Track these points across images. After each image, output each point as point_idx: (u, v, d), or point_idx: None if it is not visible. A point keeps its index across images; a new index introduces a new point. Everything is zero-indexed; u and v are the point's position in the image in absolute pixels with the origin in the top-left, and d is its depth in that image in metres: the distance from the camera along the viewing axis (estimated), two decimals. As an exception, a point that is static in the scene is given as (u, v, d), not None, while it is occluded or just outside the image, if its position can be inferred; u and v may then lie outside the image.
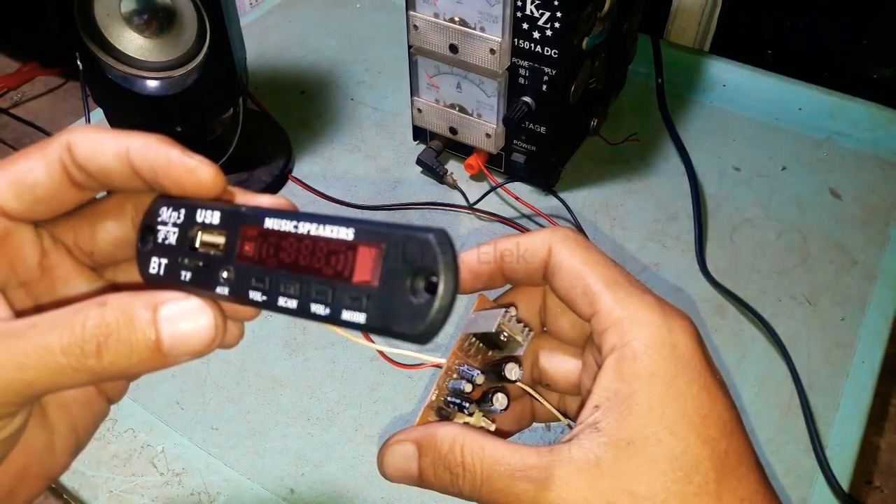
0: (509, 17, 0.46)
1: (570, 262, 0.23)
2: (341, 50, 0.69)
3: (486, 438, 0.22)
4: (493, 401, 0.24)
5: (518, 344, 0.25)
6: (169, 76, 0.48)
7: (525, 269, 0.25)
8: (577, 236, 0.24)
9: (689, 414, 0.20)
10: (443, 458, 0.22)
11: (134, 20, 0.47)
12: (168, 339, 0.18)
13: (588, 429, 0.21)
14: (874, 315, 0.49)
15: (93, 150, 0.20)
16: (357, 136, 0.61)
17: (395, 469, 0.23)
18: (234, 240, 0.19)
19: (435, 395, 0.24)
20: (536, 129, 0.52)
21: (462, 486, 0.22)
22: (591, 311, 0.23)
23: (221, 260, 0.20)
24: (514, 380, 0.24)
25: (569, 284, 0.23)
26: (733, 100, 0.63)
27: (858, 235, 0.53)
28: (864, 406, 0.44)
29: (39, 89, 0.77)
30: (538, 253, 0.24)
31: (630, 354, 0.21)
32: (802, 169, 0.58)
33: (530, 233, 0.25)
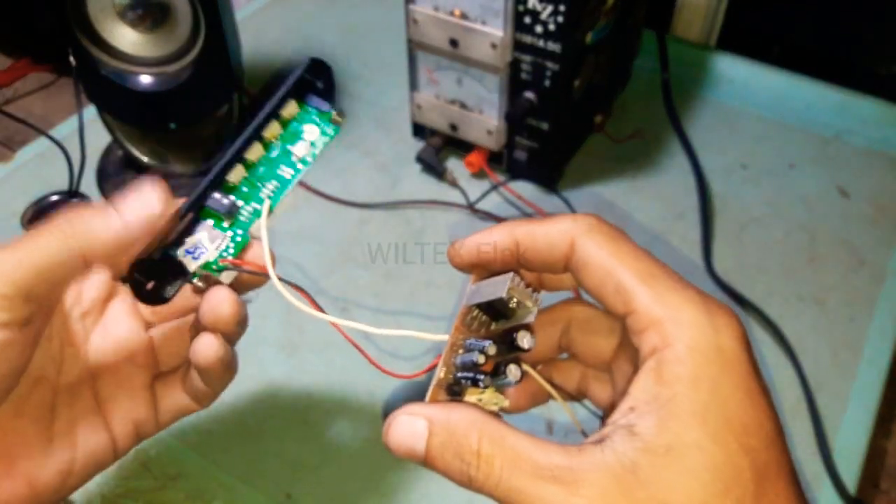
0: (511, 11, 0.45)
1: (598, 257, 0.21)
2: (339, 44, 0.68)
3: (507, 428, 0.20)
4: (507, 373, 0.22)
5: (528, 310, 0.23)
6: (163, 72, 0.47)
7: (542, 261, 0.23)
8: (602, 225, 0.22)
9: (733, 422, 0.19)
10: (456, 443, 0.20)
11: (127, 15, 0.46)
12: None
13: (622, 431, 0.19)
14: (883, 316, 0.48)
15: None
16: (355, 132, 0.60)
17: (400, 443, 0.21)
18: None
19: (443, 373, 0.22)
20: (539, 125, 0.51)
21: (474, 477, 0.20)
22: (626, 309, 0.21)
23: None
24: (527, 348, 0.22)
25: (598, 281, 0.21)
26: (740, 96, 0.62)
27: (867, 234, 0.53)
28: (872, 408, 0.44)
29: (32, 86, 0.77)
30: (558, 245, 0.22)
31: (672, 357, 0.19)
32: (810, 167, 0.58)
33: (549, 220, 0.23)
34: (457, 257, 0.24)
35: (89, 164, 0.54)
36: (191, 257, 0.24)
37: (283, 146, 0.25)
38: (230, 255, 0.24)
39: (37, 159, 0.58)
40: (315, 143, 0.26)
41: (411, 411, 0.21)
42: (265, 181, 0.25)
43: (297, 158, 0.25)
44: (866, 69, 0.64)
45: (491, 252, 0.23)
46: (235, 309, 0.24)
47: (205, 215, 0.24)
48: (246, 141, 0.24)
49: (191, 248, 0.24)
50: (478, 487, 0.20)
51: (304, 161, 0.25)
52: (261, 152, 0.25)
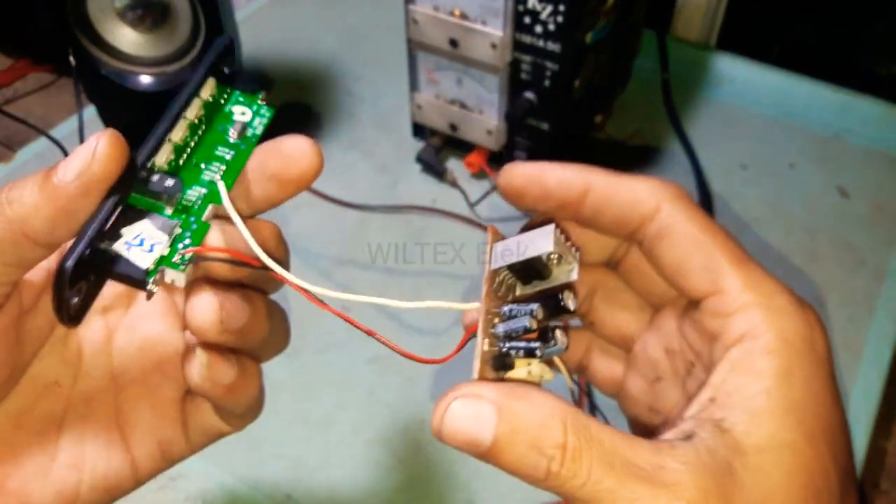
0: (511, 11, 0.45)
1: (689, 228, 0.19)
2: (339, 44, 0.68)
3: (590, 419, 0.17)
4: (556, 339, 0.19)
5: (569, 266, 0.20)
6: (163, 72, 0.47)
7: (614, 217, 0.20)
8: (691, 197, 0.20)
9: (824, 423, 0.18)
10: (534, 433, 0.17)
11: (127, 15, 0.46)
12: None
13: (709, 426, 0.17)
14: (882, 316, 0.48)
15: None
16: (355, 132, 0.60)
17: (459, 430, 0.17)
18: None
19: (487, 345, 0.20)
20: (539, 125, 0.51)
21: (555, 473, 0.17)
22: (711, 289, 0.19)
23: None
24: (573, 310, 0.20)
25: (683, 254, 0.19)
26: (740, 96, 0.62)
27: (867, 235, 0.53)
28: (872, 409, 0.44)
29: (32, 86, 0.76)
30: (642, 204, 0.20)
31: (764, 347, 0.18)
32: (810, 167, 0.58)
33: (632, 177, 0.20)
34: (510, 178, 0.21)
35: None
36: (140, 251, 0.18)
37: (211, 128, 0.22)
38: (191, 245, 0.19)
39: (37, 159, 0.58)
40: (252, 124, 0.22)
41: (473, 392, 0.18)
42: (205, 163, 0.21)
43: (235, 139, 0.22)
44: (866, 69, 0.64)
45: (554, 185, 0.20)
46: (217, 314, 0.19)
47: (138, 203, 0.19)
48: (172, 120, 0.21)
49: (134, 241, 0.18)
50: (555, 486, 0.17)
51: (246, 141, 0.22)
52: (185, 132, 0.21)
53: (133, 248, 0.18)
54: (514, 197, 0.21)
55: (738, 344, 0.18)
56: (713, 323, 0.19)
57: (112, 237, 0.18)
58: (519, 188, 0.21)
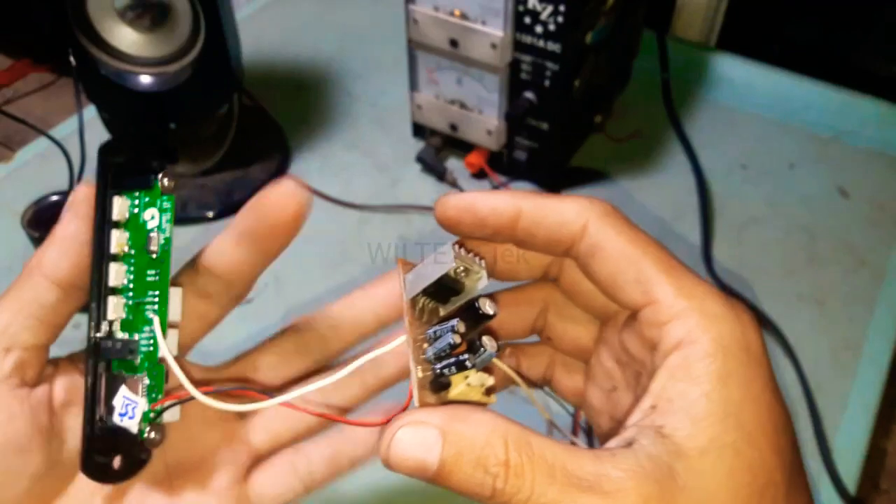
0: (511, 11, 0.45)
1: (617, 243, 0.20)
2: (339, 44, 0.68)
3: (531, 433, 0.18)
4: (484, 345, 0.20)
5: (477, 275, 0.21)
6: (163, 72, 0.47)
7: (546, 238, 0.21)
8: (618, 212, 0.21)
9: (764, 422, 0.18)
10: (478, 453, 0.17)
11: (127, 15, 0.46)
12: None
13: (649, 432, 0.18)
14: (882, 315, 0.48)
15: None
16: (355, 132, 0.60)
17: (406, 458, 0.18)
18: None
19: (421, 371, 0.20)
20: (539, 125, 0.51)
21: (500, 490, 0.17)
22: (644, 300, 0.20)
23: None
24: (492, 314, 0.20)
25: (615, 269, 0.20)
26: (740, 96, 0.62)
27: (867, 235, 0.53)
28: (872, 408, 0.44)
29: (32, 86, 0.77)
30: (569, 225, 0.21)
31: (700, 352, 0.18)
32: (810, 167, 0.58)
33: (559, 198, 0.21)
34: (444, 209, 0.21)
35: (89, 164, 0.54)
36: (128, 419, 0.21)
37: (137, 250, 0.21)
38: (158, 396, 0.21)
39: (37, 159, 0.58)
40: (161, 227, 0.21)
41: (417, 420, 0.18)
42: (141, 297, 0.21)
43: (155, 253, 0.21)
44: (866, 69, 0.64)
45: (486, 213, 0.21)
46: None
47: (116, 367, 0.21)
48: (97, 269, 0.21)
49: (123, 411, 0.21)
50: (502, 503, 0.18)
51: (163, 250, 0.21)
52: (121, 271, 0.21)
53: (124, 419, 0.21)
54: (451, 226, 0.22)
55: (676, 351, 0.19)
56: (650, 332, 0.20)
57: (110, 411, 0.21)
58: (453, 218, 0.22)
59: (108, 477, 0.21)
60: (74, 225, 0.21)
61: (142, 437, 0.21)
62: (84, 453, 0.20)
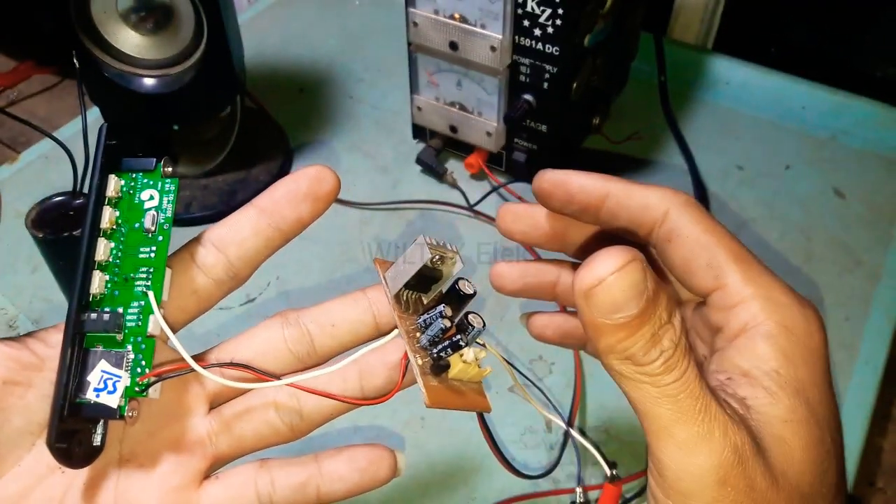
0: (510, 14, 0.46)
1: (694, 231, 0.21)
2: (340, 47, 0.69)
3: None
4: (472, 323, 0.21)
5: (451, 261, 0.22)
6: (166, 74, 0.48)
7: (628, 221, 0.22)
8: (698, 204, 0.22)
9: (825, 408, 0.19)
10: (663, 320, 0.18)
11: (131, 17, 0.47)
12: None
13: (732, 400, 0.19)
14: (878, 316, 0.48)
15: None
16: (356, 134, 0.60)
17: (621, 291, 0.17)
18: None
19: (420, 360, 0.22)
20: (537, 127, 0.51)
21: (653, 362, 0.17)
22: (714, 285, 0.21)
23: None
24: (472, 293, 0.22)
25: (689, 254, 0.21)
26: (737, 98, 0.62)
27: (863, 235, 0.53)
28: (868, 407, 0.44)
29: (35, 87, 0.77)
30: (653, 209, 0.22)
31: (766, 332, 0.19)
32: (806, 168, 0.58)
33: (644, 185, 0.22)
34: (540, 181, 0.23)
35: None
36: (106, 393, 0.20)
37: (129, 227, 0.22)
38: (146, 369, 0.21)
39: (41, 160, 0.58)
40: (162, 207, 0.22)
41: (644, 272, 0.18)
42: (132, 273, 0.21)
43: (152, 232, 0.21)
44: (862, 71, 0.64)
45: (576, 190, 0.23)
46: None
47: (90, 343, 0.21)
48: (88, 243, 0.21)
49: (100, 385, 0.20)
50: (646, 371, 0.18)
51: (162, 230, 0.22)
52: (108, 246, 0.21)
53: (101, 393, 0.20)
54: (544, 198, 0.24)
55: (742, 333, 0.20)
56: (718, 316, 0.21)
57: (82, 387, 0.20)
58: (546, 191, 0.23)
59: (72, 460, 0.20)
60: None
61: (122, 413, 0.21)
62: (53, 431, 0.19)
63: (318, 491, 0.23)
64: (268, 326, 0.24)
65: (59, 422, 0.20)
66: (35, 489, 0.21)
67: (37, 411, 0.21)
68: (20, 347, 0.21)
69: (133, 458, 0.22)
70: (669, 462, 0.18)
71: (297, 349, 0.23)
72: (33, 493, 0.21)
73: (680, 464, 0.18)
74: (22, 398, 0.20)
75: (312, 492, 0.23)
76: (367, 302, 0.24)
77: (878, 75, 0.64)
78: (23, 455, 0.21)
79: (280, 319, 0.24)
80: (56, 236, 0.42)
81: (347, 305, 0.24)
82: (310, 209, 0.22)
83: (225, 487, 0.23)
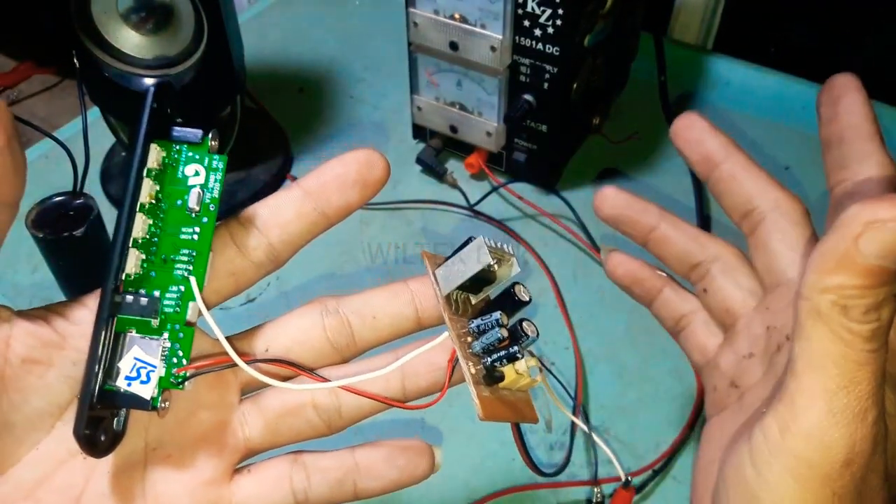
0: (510, 15, 0.46)
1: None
2: (340, 47, 0.69)
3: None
4: (526, 332, 0.21)
5: (508, 264, 0.21)
6: (166, 74, 0.48)
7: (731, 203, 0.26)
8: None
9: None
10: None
11: (131, 17, 0.46)
12: None
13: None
14: (878, 316, 0.48)
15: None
16: (356, 134, 0.60)
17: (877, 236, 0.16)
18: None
19: (473, 368, 0.21)
20: (538, 127, 0.51)
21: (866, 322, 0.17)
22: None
23: None
24: (528, 300, 0.21)
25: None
26: (736, 98, 0.63)
27: (862, 235, 0.53)
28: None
29: (36, 87, 0.77)
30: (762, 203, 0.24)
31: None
32: (806, 169, 0.58)
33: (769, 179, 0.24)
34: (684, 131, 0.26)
35: (93, 165, 0.54)
36: (139, 383, 0.19)
37: (170, 204, 0.20)
38: (184, 361, 0.19)
39: (41, 160, 0.58)
40: (209, 185, 0.20)
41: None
42: (171, 255, 0.19)
43: (196, 212, 0.19)
44: (862, 71, 0.64)
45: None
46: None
47: (121, 326, 0.19)
48: (128, 216, 0.19)
49: (132, 374, 0.19)
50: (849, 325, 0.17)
51: (207, 210, 0.20)
52: (146, 223, 0.19)
53: (133, 383, 0.19)
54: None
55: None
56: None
57: (112, 374, 0.19)
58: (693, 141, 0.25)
59: (97, 448, 0.19)
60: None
61: (155, 404, 0.19)
62: (82, 421, 0.18)
63: (355, 487, 0.22)
64: (305, 313, 0.22)
65: (88, 411, 0.18)
66: (55, 474, 0.20)
67: (57, 392, 0.19)
68: (41, 323, 0.20)
69: (160, 448, 0.21)
70: (809, 426, 0.17)
71: (336, 340, 0.22)
72: (53, 478, 0.20)
73: (819, 428, 0.17)
74: (42, 378, 0.19)
75: (349, 488, 0.22)
76: (409, 294, 0.22)
77: (879, 75, 0.64)
78: (41, 438, 0.20)
79: (319, 307, 0.22)
80: (56, 236, 0.42)
81: (389, 297, 0.23)
82: (358, 195, 0.22)
83: (258, 482, 0.22)
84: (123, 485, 0.21)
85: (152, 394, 0.19)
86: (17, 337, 0.19)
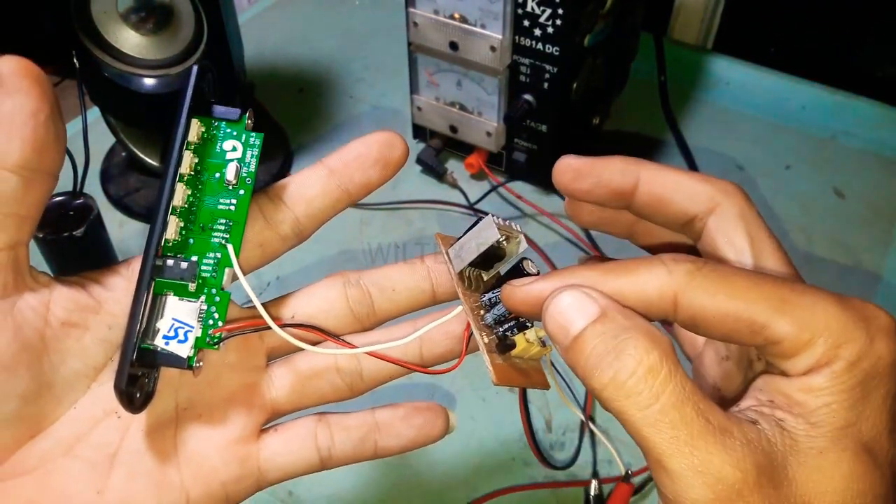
0: (510, 14, 0.46)
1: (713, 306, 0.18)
2: (340, 47, 0.69)
3: (678, 361, 0.18)
4: (528, 270, 0.22)
5: (516, 241, 0.23)
6: (166, 74, 0.48)
7: (665, 213, 0.22)
8: (747, 203, 0.21)
9: (882, 434, 0.18)
10: (621, 342, 0.18)
11: (131, 18, 0.47)
12: None
13: (770, 420, 0.18)
14: (878, 315, 0.48)
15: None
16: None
17: (561, 314, 0.19)
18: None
19: (486, 338, 0.22)
20: (537, 127, 0.51)
21: (622, 384, 0.17)
22: (764, 343, 0.18)
23: None
24: (535, 272, 0.22)
25: (724, 331, 0.19)
26: (737, 98, 0.63)
27: (863, 235, 0.53)
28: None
29: (36, 87, 0.77)
30: (698, 203, 0.21)
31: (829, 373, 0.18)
32: (806, 168, 0.58)
33: (688, 173, 0.22)
34: (566, 169, 0.23)
35: (93, 165, 0.54)
36: (176, 342, 0.20)
37: (208, 176, 0.21)
38: (219, 322, 0.21)
39: (40, 161, 0.58)
40: (246, 161, 0.21)
41: (589, 293, 0.19)
42: (209, 224, 0.21)
43: (233, 185, 0.21)
44: (862, 71, 0.64)
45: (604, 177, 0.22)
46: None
47: (159, 289, 0.21)
48: (171, 186, 0.20)
49: (170, 334, 0.20)
50: (618, 396, 0.17)
51: (244, 183, 0.21)
52: (185, 192, 0.21)
53: (171, 342, 0.20)
54: (568, 185, 0.23)
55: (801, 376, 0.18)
56: (776, 362, 0.19)
57: (150, 333, 0.20)
58: (569, 175, 0.23)
59: (133, 405, 0.20)
60: (11, 102, 0.18)
61: (191, 363, 0.20)
62: (123, 375, 0.19)
63: (375, 445, 0.24)
64: (329, 284, 0.24)
65: (129, 366, 0.19)
66: (91, 432, 0.21)
67: (93, 355, 0.21)
68: (78, 288, 0.21)
69: (191, 408, 0.22)
70: (667, 493, 0.17)
71: (357, 309, 0.23)
72: (89, 436, 0.21)
73: (676, 496, 0.17)
74: (79, 341, 0.20)
75: (370, 446, 0.24)
76: (425, 270, 0.24)
77: (878, 75, 0.64)
78: (78, 398, 0.21)
79: (342, 279, 0.24)
80: (56, 236, 0.42)
81: (407, 271, 0.24)
82: (378, 174, 0.23)
83: (285, 440, 0.23)
84: (157, 442, 0.22)
85: (189, 353, 0.20)
86: (57, 301, 0.20)
